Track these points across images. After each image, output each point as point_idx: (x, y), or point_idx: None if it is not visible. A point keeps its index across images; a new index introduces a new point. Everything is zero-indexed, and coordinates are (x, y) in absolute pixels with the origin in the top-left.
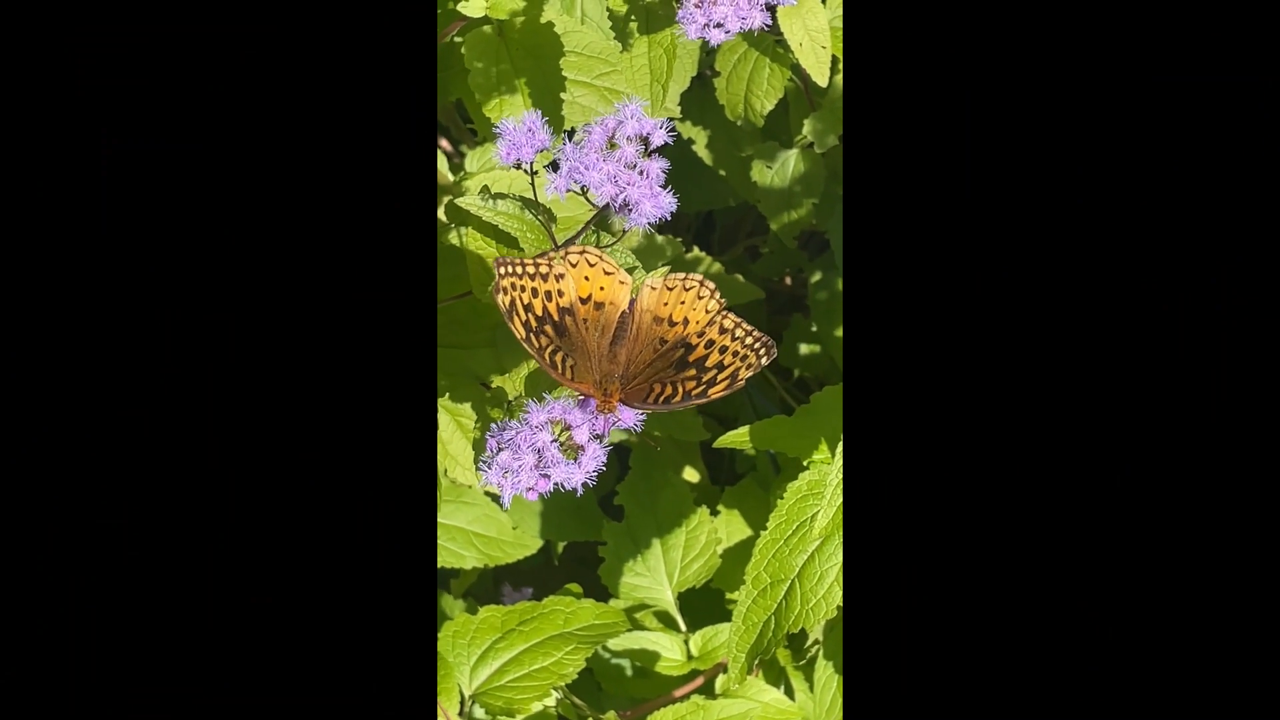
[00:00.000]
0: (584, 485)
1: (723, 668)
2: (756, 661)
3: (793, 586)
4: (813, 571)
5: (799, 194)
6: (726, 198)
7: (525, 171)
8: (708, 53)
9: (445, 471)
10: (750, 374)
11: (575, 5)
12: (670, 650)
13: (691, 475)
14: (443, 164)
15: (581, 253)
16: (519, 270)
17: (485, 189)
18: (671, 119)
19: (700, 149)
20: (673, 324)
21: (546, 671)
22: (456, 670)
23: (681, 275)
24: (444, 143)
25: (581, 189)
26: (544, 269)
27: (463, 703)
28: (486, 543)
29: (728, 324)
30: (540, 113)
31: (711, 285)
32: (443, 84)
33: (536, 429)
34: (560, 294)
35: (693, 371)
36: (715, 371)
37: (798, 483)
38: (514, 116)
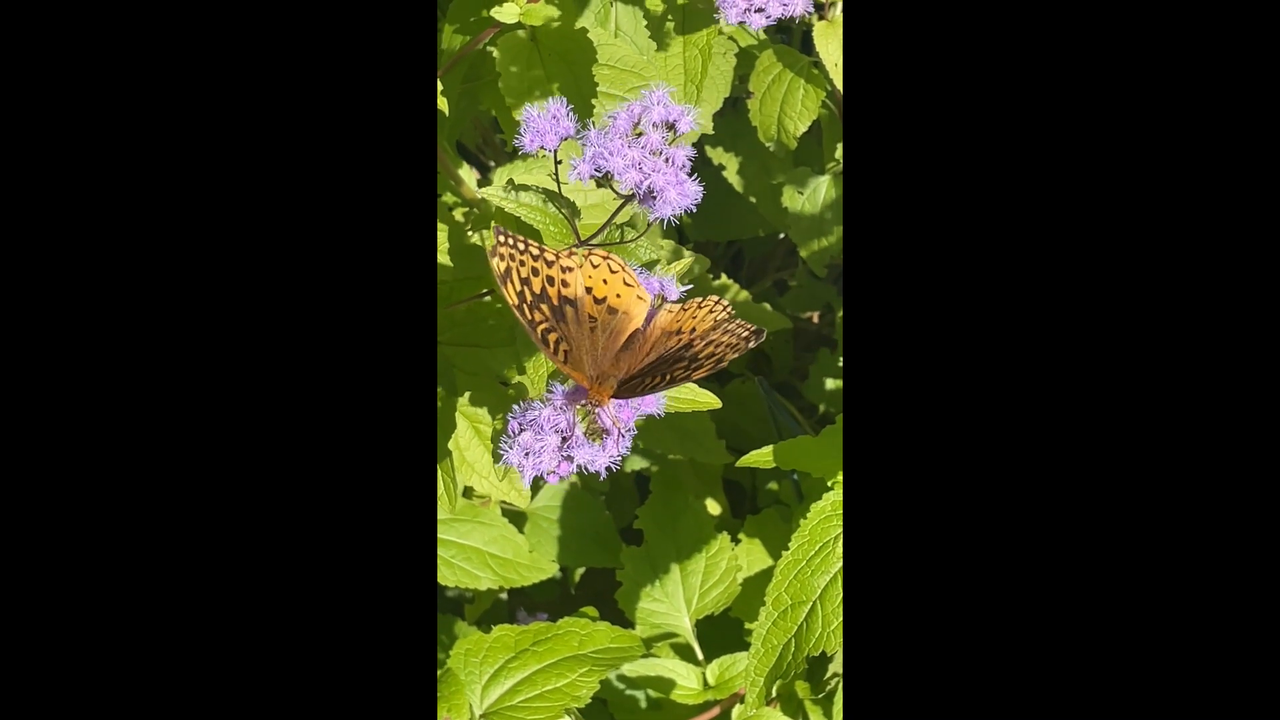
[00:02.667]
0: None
1: (739, 698)
2: (774, 692)
3: (814, 609)
4: (835, 593)
5: (829, 221)
6: (756, 228)
7: (550, 163)
8: (741, 79)
9: (461, 484)
10: (735, 356)
11: (609, 18)
12: (686, 679)
13: (714, 507)
14: (470, 179)
15: (606, 258)
16: (520, 246)
17: (510, 181)
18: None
19: (731, 175)
20: (680, 334)
21: (559, 693)
22: (468, 688)
23: (699, 299)
24: (469, 167)
25: (605, 175)
26: (549, 255)
27: None
28: (502, 564)
29: (731, 325)
30: (566, 100)
31: (725, 303)
32: (473, 93)
33: (561, 409)
34: (565, 284)
35: (684, 363)
36: (705, 360)
37: (821, 503)
38: (538, 104)
